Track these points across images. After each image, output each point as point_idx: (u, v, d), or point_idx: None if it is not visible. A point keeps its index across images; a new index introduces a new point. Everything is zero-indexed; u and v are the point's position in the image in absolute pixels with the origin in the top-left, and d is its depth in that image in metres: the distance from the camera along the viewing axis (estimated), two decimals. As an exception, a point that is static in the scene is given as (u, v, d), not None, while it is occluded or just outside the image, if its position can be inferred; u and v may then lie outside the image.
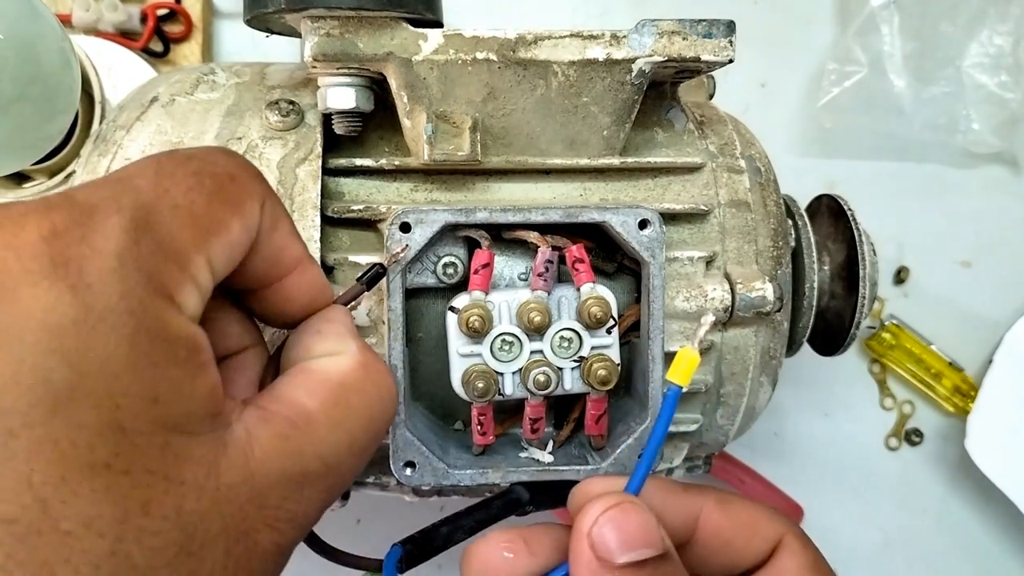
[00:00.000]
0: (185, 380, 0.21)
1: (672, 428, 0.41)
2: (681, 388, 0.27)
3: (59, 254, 0.20)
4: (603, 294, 0.36)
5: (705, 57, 0.36)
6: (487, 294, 0.36)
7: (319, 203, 0.37)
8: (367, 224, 0.38)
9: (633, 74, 0.36)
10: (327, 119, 0.38)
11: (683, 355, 0.27)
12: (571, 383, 0.36)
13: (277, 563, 0.24)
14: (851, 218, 0.47)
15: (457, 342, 0.36)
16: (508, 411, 0.40)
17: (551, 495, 0.36)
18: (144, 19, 0.60)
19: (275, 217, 0.27)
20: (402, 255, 0.34)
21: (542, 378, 0.35)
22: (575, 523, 0.27)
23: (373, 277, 0.33)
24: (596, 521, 0.26)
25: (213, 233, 0.23)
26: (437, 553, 0.32)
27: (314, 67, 0.36)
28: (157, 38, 0.61)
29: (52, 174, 0.53)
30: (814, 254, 0.45)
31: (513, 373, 0.36)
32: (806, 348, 0.49)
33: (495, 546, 0.29)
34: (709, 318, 0.29)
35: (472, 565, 0.29)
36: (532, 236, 0.36)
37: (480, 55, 0.36)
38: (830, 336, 0.48)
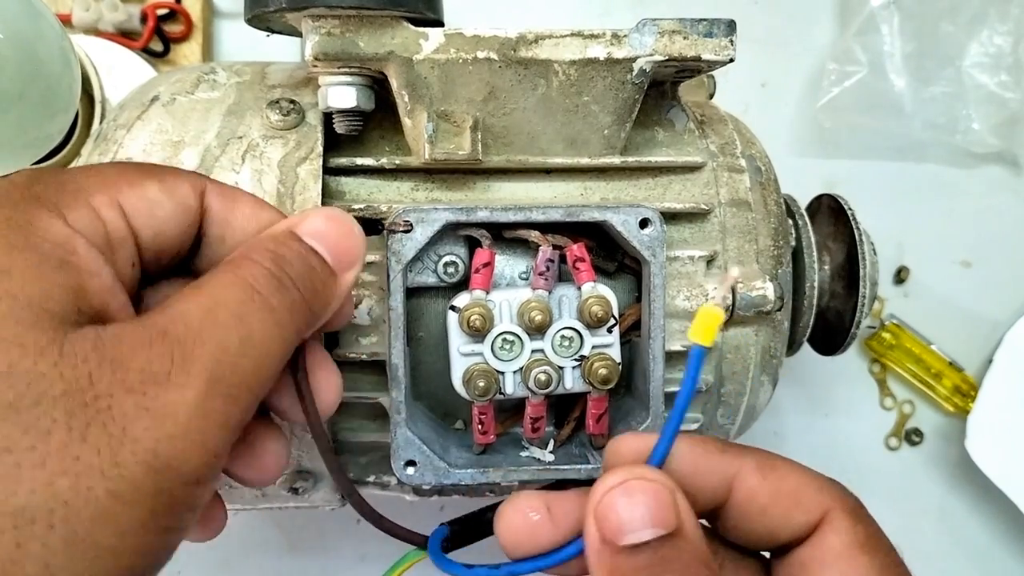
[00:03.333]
0: (47, 269, 0.23)
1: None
2: (705, 348, 0.25)
3: None
4: (604, 293, 0.36)
5: (706, 56, 0.36)
6: (488, 293, 0.36)
7: (320, 202, 0.37)
8: (368, 223, 0.38)
9: (634, 73, 0.36)
10: (328, 118, 0.38)
11: (704, 312, 0.25)
12: (572, 382, 0.36)
13: (155, 432, 0.22)
14: (851, 218, 0.47)
15: (458, 341, 0.36)
16: (509, 410, 0.40)
17: None
18: (144, 19, 0.60)
19: (230, 197, 0.29)
20: (402, 228, 0.35)
21: (543, 377, 0.35)
22: (588, 497, 0.26)
23: (371, 229, 0.33)
24: (601, 501, 0.25)
25: (123, 184, 0.26)
26: (482, 537, 0.31)
27: (315, 66, 0.36)
28: (157, 38, 0.61)
29: (52, 174, 0.53)
30: (814, 254, 0.45)
31: (514, 372, 0.36)
32: (806, 348, 0.49)
33: (521, 508, 0.28)
34: (734, 271, 0.27)
35: (499, 526, 0.29)
36: (533, 235, 0.36)
37: (481, 54, 0.36)
38: (830, 336, 0.49)
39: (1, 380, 0.21)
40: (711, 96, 0.49)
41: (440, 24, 0.37)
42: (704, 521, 0.29)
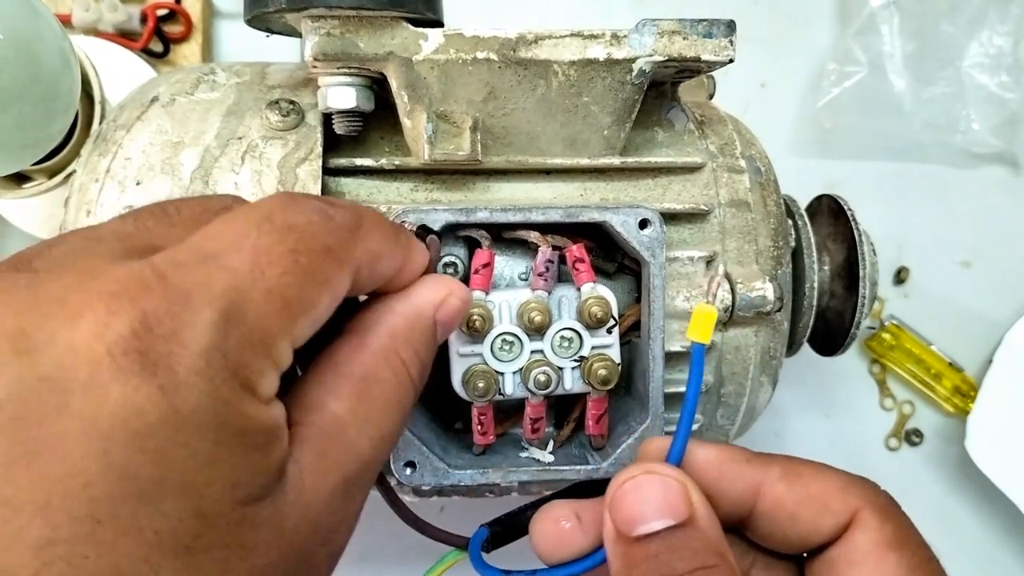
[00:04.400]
0: (262, 461, 0.22)
1: (672, 428, 0.41)
2: (705, 345, 0.27)
3: (149, 350, 0.20)
4: (603, 294, 0.36)
5: (705, 57, 0.36)
6: (487, 294, 0.36)
7: (319, 203, 0.37)
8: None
9: (633, 74, 0.36)
10: (327, 119, 0.38)
11: (699, 311, 0.27)
12: (571, 383, 0.36)
13: (333, 564, 0.25)
14: (851, 218, 0.47)
15: (457, 342, 0.36)
16: (508, 411, 0.40)
17: None
18: (144, 19, 0.60)
19: (373, 261, 0.26)
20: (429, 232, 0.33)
21: (542, 378, 0.35)
22: (606, 494, 0.27)
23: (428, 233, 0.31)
24: (615, 494, 0.27)
25: (301, 314, 0.23)
26: (521, 536, 0.32)
27: (314, 67, 0.36)
28: (157, 38, 0.61)
29: (52, 174, 0.53)
30: (814, 254, 0.45)
31: (513, 373, 0.36)
32: (806, 348, 0.49)
33: (552, 517, 0.30)
34: (722, 270, 0.28)
35: (533, 535, 0.30)
36: (532, 236, 0.36)
37: (480, 55, 0.36)
38: (830, 336, 0.48)
39: None
40: (711, 96, 0.49)
41: (440, 24, 0.37)
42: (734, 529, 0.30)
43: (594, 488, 0.31)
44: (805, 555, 0.29)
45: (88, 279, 0.21)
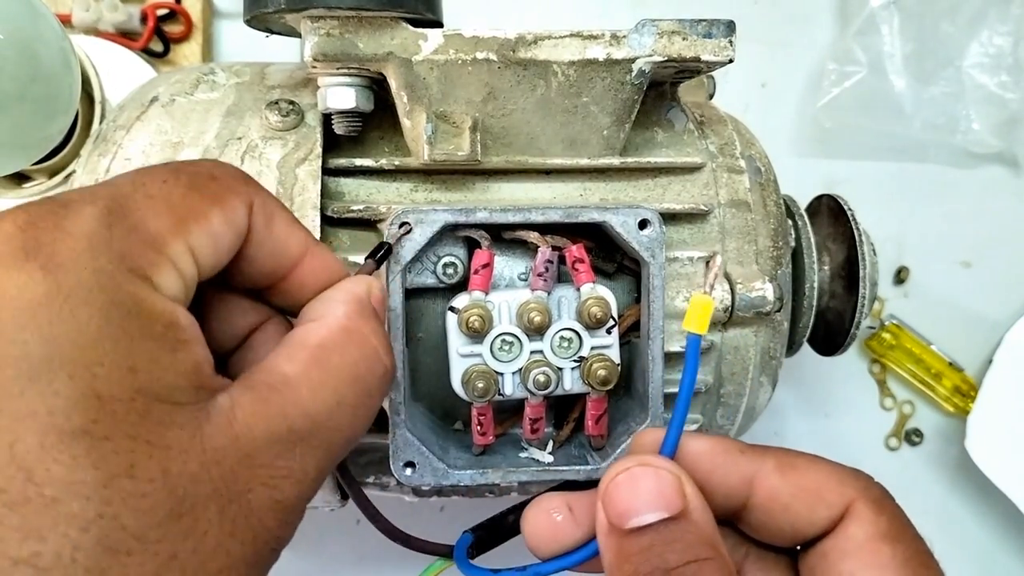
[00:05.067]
0: (164, 354, 0.22)
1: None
2: (700, 336, 0.27)
3: (32, 239, 0.21)
4: (603, 294, 0.36)
5: (705, 57, 0.36)
6: (487, 294, 0.35)
7: (319, 203, 0.37)
8: (367, 224, 0.38)
9: (633, 74, 0.36)
10: (327, 119, 0.38)
11: (696, 302, 0.27)
12: (571, 383, 0.36)
13: (281, 519, 0.24)
14: (851, 218, 0.47)
15: (457, 342, 0.36)
16: (508, 411, 0.40)
17: None
18: (144, 19, 0.60)
19: (268, 213, 0.27)
20: (402, 233, 0.34)
21: (542, 378, 0.35)
22: (599, 487, 0.27)
23: (383, 255, 0.33)
24: (608, 487, 0.27)
25: (191, 220, 0.24)
26: (506, 540, 0.32)
27: (314, 67, 0.36)
28: (157, 38, 0.61)
29: (52, 174, 0.53)
30: (814, 254, 0.45)
31: (513, 373, 0.36)
32: (806, 348, 0.49)
33: (544, 510, 0.30)
34: (719, 260, 0.28)
35: (525, 528, 0.30)
36: (532, 236, 0.36)
37: (480, 55, 0.36)
38: (830, 336, 0.48)
39: (159, 487, 0.21)
40: (711, 96, 0.49)
41: (439, 25, 0.37)
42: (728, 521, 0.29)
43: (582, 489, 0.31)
44: (798, 548, 0.29)
45: None
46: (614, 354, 0.36)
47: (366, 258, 0.32)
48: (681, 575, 0.25)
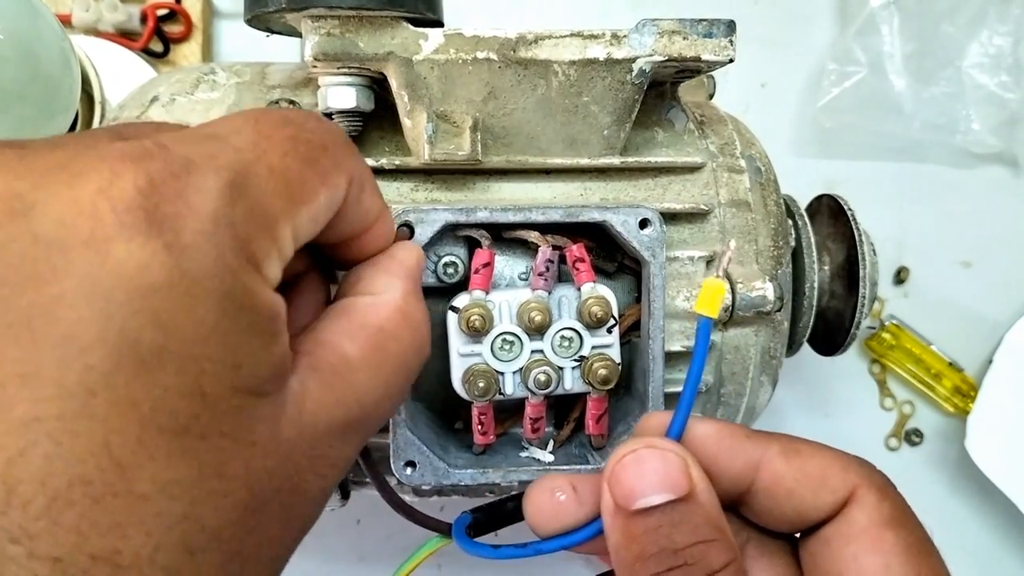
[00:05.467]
0: (264, 348, 0.21)
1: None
2: (712, 319, 0.27)
3: (155, 209, 0.19)
4: (604, 293, 0.36)
5: (705, 57, 0.36)
6: (488, 293, 0.36)
7: (319, 203, 0.37)
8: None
9: (633, 74, 0.36)
10: (327, 118, 0.38)
11: (708, 285, 0.27)
12: (571, 383, 0.36)
13: (321, 506, 0.24)
14: (851, 218, 0.47)
15: (458, 341, 0.36)
16: (508, 411, 0.40)
17: None
18: (144, 19, 0.60)
19: (361, 184, 0.26)
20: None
21: (543, 377, 0.35)
22: (604, 468, 0.27)
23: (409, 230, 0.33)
24: (614, 468, 0.26)
25: (303, 202, 0.23)
26: (505, 524, 0.32)
27: (315, 67, 0.36)
28: (157, 38, 0.61)
29: (52, 174, 0.53)
30: (814, 254, 0.45)
31: (514, 373, 0.36)
32: (806, 348, 0.49)
33: (547, 488, 0.29)
34: (732, 244, 0.28)
35: (527, 506, 0.30)
36: (532, 235, 0.36)
37: (480, 55, 0.36)
38: (830, 336, 0.49)
39: (240, 485, 0.20)
40: (711, 96, 0.49)
41: (440, 24, 0.37)
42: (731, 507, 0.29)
43: None
44: (799, 534, 0.29)
45: (87, 149, 0.19)
46: (615, 353, 0.36)
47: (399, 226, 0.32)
48: (687, 556, 0.25)
